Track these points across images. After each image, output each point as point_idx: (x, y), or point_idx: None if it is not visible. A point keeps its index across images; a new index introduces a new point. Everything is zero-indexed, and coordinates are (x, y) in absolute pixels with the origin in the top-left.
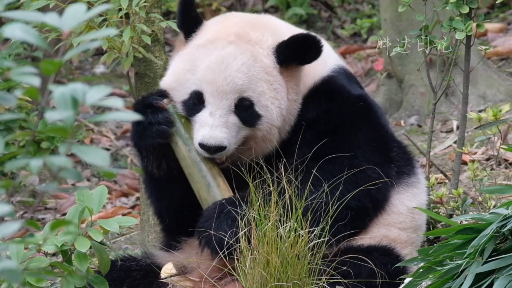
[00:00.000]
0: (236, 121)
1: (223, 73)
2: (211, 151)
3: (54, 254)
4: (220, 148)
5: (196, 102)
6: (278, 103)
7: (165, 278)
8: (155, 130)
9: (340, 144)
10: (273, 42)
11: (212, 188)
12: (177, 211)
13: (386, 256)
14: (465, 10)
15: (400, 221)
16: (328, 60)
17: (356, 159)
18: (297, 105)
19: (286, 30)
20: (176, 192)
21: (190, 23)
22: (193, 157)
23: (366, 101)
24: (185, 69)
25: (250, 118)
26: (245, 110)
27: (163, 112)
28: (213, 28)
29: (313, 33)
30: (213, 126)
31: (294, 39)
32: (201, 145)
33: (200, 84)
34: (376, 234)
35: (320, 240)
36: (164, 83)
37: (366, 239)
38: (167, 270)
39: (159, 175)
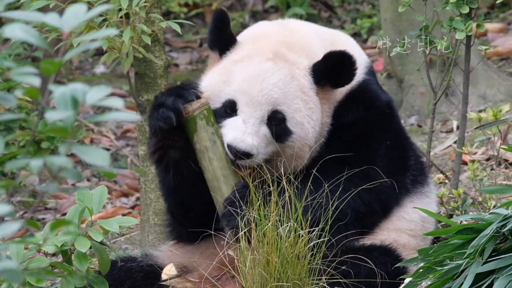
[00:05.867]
0: (267, 133)
1: (260, 85)
2: (239, 154)
3: (54, 254)
4: (248, 155)
5: (228, 110)
6: (313, 124)
7: (166, 280)
8: (161, 112)
9: (365, 151)
10: (308, 63)
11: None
12: (174, 203)
13: (386, 255)
14: (465, 10)
15: (411, 228)
16: (359, 60)
17: (374, 168)
18: (327, 128)
19: (321, 48)
20: (171, 181)
21: (225, 41)
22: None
23: (393, 108)
24: (221, 80)
25: (281, 133)
26: (277, 124)
27: (180, 100)
28: (249, 46)
29: (348, 51)
30: (245, 132)
31: (328, 56)
32: (230, 146)
33: (234, 94)
34: (386, 238)
35: (321, 240)
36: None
37: (369, 240)
38: (168, 271)
39: (152, 159)
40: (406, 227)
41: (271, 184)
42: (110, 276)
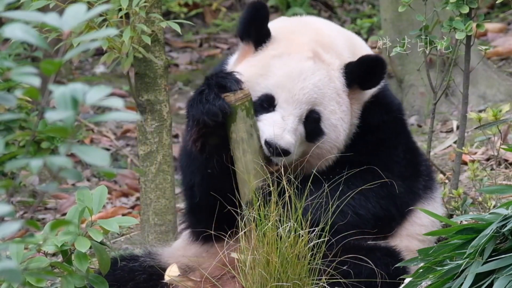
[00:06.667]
0: (302, 133)
1: (302, 83)
2: (277, 151)
3: (54, 254)
4: (286, 152)
5: (265, 104)
6: (345, 126)
7: (169, 281)
8: (207, 108)
9: (385, 156)
10: (340, 64)
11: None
12: (208, 191)
13: (388, 257)
14: (465, 10)
15: (422, 232)
16: None
17: (391, 172)
18: (354, 130)
19: (345, 48)
20: (207, 171)
21: (262, 35)
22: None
23: (404, 113)
24: (258, 73)
25: (314, 133)
26: (311, 123)
27: (224, 97)
28: (285, 42)
29: (381, 56)
30: (285, 129)
31: (364, 59)
32: (269, 142)
33: (273, 89)
34: (400, 245)
35: (322, 240)
36: None
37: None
38: (171, 272)
39: (191, 150)
40: (417, 232)
41: (297, 182)
42: (112, 276)
